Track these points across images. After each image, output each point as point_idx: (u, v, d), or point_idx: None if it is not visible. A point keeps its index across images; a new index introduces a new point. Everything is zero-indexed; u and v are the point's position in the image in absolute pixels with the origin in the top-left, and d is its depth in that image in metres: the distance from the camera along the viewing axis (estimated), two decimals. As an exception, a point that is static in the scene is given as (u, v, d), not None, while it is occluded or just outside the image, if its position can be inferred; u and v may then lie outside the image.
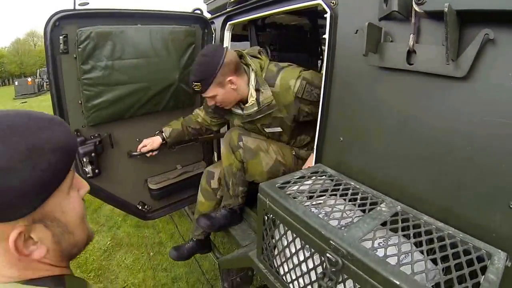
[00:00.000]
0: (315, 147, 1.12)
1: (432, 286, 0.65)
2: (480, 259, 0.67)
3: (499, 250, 0.69)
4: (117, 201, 1.56)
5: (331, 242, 0.70)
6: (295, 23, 1.89)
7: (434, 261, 0.70)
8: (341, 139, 1.02)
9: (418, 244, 0.73)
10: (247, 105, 1.32)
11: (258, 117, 1.32)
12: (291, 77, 1.24)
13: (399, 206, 0.84)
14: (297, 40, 1.89)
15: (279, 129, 1.39)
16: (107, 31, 1.29)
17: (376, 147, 0.93)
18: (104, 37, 1.29)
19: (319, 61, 2.01)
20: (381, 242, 0.73)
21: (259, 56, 1.34)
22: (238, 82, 1.27)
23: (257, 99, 1.28)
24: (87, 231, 0.49)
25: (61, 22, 1.21)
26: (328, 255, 0.70)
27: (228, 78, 1.23)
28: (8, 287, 0.39)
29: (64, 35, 1.23)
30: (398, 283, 0.58)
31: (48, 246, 0.42)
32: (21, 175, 0.36)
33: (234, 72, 1.25)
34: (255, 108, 1.30)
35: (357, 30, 0.92)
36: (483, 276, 0.61)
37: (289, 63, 1.32)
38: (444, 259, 0.68)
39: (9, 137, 0.36)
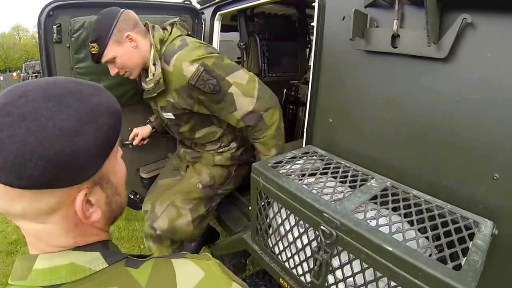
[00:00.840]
0: (305, 129, 1.15)
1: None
2: (467, 227, 0.71)
3: (486, 219, 0.73)
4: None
5: (325, 214, 0.73)
6: (283, 13, 1.92)
7: (424, 231, 0.72)
8: (330, 120, 1.06)
9: (408, 215, 0.76)
10: (147, 79, 1.19)
11: (152, 95, 1.18)
12: (186, 59, 1.09)
13: (388, 182, 0.88)
14: (285, 30, 1.92)
15: (171, 115, 1.26)
16: None
17: (363, 127, 0.97)
18: None
19: (307, 50, 2.06)
20: (372, 215, 0.77)
21: (167, 28, 1.20)
22: (139, 39, 1.13)
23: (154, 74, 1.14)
24: (126, 194, 0.51)
25: (55, 12, 1.22)
26: (322, 227, 0.73)
27: (126, 33, 1.10)
28: (61, 255, 0.40)
29: (57, 25, 1.23)
30: (390, 249, 0.61)
31: (101, 209, 0.43)
32: (87, 137, 0.37)
33: (133, 28, 1.12)
34: (152, 85, 1.16)
35: (344, 17, 0.96)
36: (471, 242, 0.65)
37: (201, 42, 1.18)
38: (433, 228, 0.71)
39: (71, 102, 0.37)
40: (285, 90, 2.05)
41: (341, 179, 0.88)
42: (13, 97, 0.35)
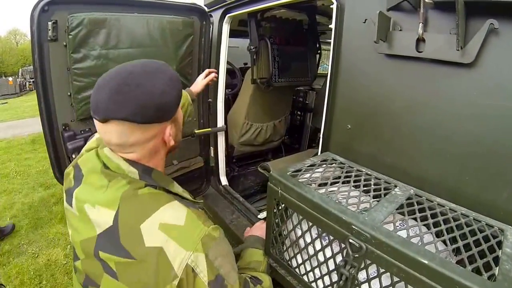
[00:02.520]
0: (321, 135, 1.11)
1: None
2: (494, 235, 0.69)
3: (510, 226, 0.71)
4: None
5: (353, 227, 0.68)
6: (293, 18, 1.90)
7: (454, 241, 0.70)
8: (349, 126, 1.02)
9: (436, 225, 0.73)
10: None
11: None
12: None
13: (411, 190, 0.84)
14: (296, 35, 1.89)
15: None
16: (101, 17, 1.22)
17: (384, 133, 0.94)
18: (98, 24, 1.21)
19: (317, 56, 2.04)
20: (401, 225, 0.72)
21: None
22: None
23: None
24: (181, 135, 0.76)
25: (50, 7, 1.13)
26: (350, 240, 0.68)
27: None
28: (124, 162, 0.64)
29: (53, 21, 1.15)
30: (426, 262, 0.57)
31: (173, 139, 0.67)
32: (173, 93, 0.61)
33: None
34: None
35: (365, 19, 0.94)
36: (500, 250, 0.63)
37: None
38: (463, 238, 0.68)
39: (160, 74, 0.60)
40: (293, 97, 2.03)
41: (364, 188, 0.83)
42: (124, 75, 0.57)
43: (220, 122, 1.82)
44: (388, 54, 0.89)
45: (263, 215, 1.51)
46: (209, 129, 1.77)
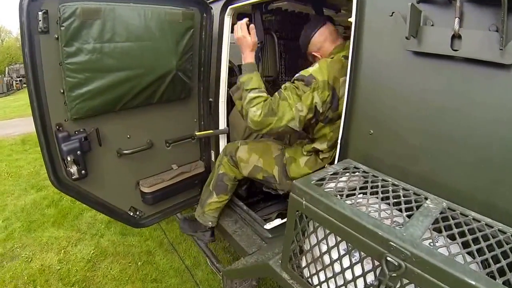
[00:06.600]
0: (339, 141, 1.03)
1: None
2: None
3: None
4: (105, 206, 1.36)
5: (391, 243, 0.61)
6: (300, 11, 1.80)
7: (497, 260, 0.65)
8: (371, 131, 0.94)
9: (475, 241, 0.68)
10: None
11: None
12: None
13: (444, 203, 0.78)
14: (303, 29, 1.80)
15: None
16: (95, 7, 1.10)
17: (411, 139, 0.87)
18: (92, 15, 1.10)
19: None
20: (439, 241, 0.66)
21: None
22: None
23: None
24: None
25: None
26: (388, 258, 0.61)
27: None
28: None
29: (44, 11, 1.03)
30: (473, 283, 0.53)
31: None
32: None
33: None
34: None
35: (392, 12, 0.85)
36: None
37: None
38: (505, 257, 0.64)
39: None
40: None
41: (394, 200, 0.76)
42: None
43: (222, 124, 1.71)
44: (418, 52, 0.81)
45: (270, 225, 1.43)
46: (211, 131, 1.67)
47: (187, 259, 2.09)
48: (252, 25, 1.23)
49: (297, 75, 1.17)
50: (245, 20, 1.22)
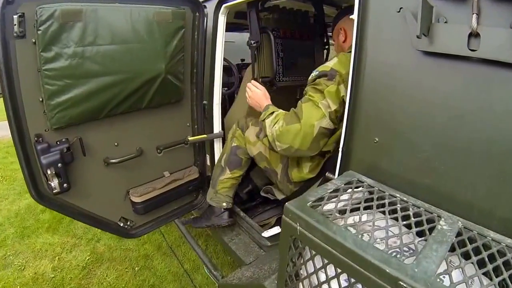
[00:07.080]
0: (340, 149, 0.94)
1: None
2: None
3: None
4: (93, 218, 1.29)
5: (401, 283, 0.52)
6: (298, 8, 1.70)
7: None
8: (376, 140, 0.85)
9: (496, 271, 0.59)
10: None
11: None
12: None
13: (459, 222, 0.69)
14: (301, 27, 1.69)
15: None
16: (76, 9, 1.02)
17: (424, 149, 0.77)
18: (72, 17, 1.02)
19: (325, 51, 1.85)
20: (457, 274, 0.57)
21: None
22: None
23: None
24: None
25: None
26: (397, 301, 0.52)
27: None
28: None
29: (19, 14, 0.96)
30: None
31: None
32: None
33: None
34: None
35: (400, 8, 0.76)
36: None
37: None
38: None
39: None
40: (297, 97, 1.84)
41: (404, 222, 0.67)
42: None
43: (217, 128, 1.63)
44: (430, 52, 0.71)
45: (268, 233, 1.35)
46: (205, 135, 1.58)
47: (186, 262, 2.04)
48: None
49: (315, 73, 1.07)
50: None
